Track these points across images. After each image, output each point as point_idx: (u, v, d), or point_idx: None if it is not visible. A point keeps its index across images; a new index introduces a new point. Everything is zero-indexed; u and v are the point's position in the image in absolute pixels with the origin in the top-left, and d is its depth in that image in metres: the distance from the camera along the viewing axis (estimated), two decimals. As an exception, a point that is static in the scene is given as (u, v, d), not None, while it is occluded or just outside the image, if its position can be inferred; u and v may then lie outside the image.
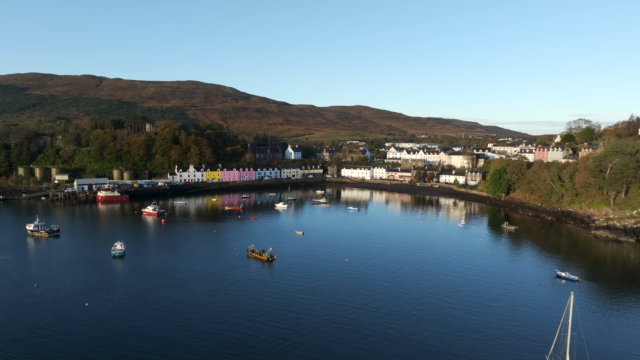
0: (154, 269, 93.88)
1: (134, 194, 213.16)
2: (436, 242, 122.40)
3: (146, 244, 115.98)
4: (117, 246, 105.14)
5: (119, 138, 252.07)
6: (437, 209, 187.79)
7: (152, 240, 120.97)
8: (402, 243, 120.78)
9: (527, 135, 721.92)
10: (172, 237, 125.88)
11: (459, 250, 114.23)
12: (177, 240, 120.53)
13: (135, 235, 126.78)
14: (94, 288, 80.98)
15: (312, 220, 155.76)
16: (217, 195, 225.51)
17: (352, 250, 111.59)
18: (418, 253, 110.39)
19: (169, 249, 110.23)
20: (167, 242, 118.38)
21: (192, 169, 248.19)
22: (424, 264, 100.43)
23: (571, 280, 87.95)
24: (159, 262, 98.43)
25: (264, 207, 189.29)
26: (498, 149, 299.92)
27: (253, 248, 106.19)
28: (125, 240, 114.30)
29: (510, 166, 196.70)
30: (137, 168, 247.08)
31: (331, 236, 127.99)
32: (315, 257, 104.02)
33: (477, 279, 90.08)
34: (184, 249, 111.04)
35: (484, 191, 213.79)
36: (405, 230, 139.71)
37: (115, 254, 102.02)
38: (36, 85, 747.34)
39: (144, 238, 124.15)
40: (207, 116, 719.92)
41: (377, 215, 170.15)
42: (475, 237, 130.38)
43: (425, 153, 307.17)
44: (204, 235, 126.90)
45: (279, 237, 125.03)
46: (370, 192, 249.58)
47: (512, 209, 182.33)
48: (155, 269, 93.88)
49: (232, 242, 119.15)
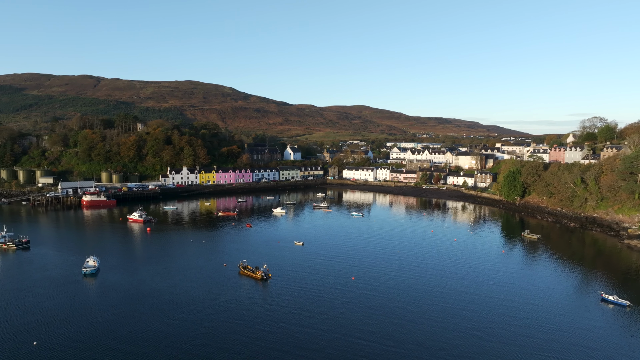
0: (128, 291, 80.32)
1: (122, 198, 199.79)
2: (453, 254, 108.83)
3: (125, 258, 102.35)
4: (89, 262, 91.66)
5: (108, 138, 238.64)
6: (447, 214, 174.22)
7: (132, 254, 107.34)
8: (414, 255, 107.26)
9: (528, 134, 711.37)
10: (156, 249, 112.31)
11: (480, 264, 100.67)
12: (161, 254, 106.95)
13: (114, 247, 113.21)
14: (52, 318, 67.38)
15: (313, 227, 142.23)
16: (211, 199, 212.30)
17: (358, 265, 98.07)
18: (434, 268, 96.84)
19: (151, 265, 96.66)
20: (149, 256, 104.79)
21: (186, 171, 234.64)
22: (443, 282, 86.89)
23: (621, 305, 74.36)
24: (136, 282, 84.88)
25: (261, 211, 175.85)
26: (507, 148, 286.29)
27: (245, 264, 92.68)
28: (103, 253, 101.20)
29: (525, 167, 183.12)
30: (127, 170, 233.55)
31: (334, 248, 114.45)
32: (316, 275, 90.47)
33: (511, 302, 76.46)
34: (168, 264, 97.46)
35: (496, 194, 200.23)
36: (416, 239, 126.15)
37: (87, 271, 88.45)
38: (33, 85, 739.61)
39: (124, 250, 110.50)
40: (205, 116, 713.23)
41: (384, 221, 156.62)
42: (496, 248, 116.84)
43: (430, 153, 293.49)
44: (192, 247, 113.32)
45: (276, 249, 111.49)
46: (374, 194, 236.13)
47: (529, 213, 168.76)
48: (131, 291, 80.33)
49: (223, 255, 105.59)
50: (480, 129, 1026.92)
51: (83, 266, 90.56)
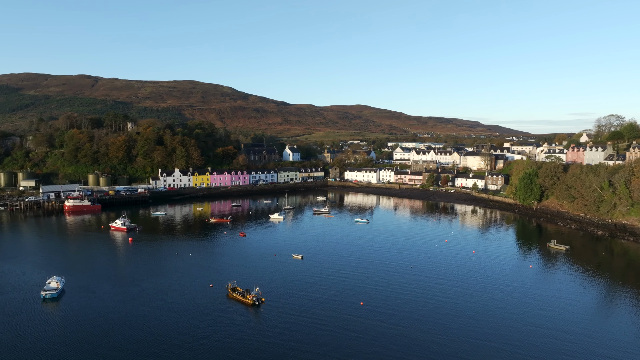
0: (94, 321, 66.70)
1: (109, 203, 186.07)
2: (474, 269, 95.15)
3: (97, 277, 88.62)
4: (50, 284, 77.98)
5: (96, 139, 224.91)
6: (459, 220, 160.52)
7: (107, 271, 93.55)
8: (430, 271, 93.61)
9: (529, 134, 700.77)
10: (135, 264, 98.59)
11: (508, 282, 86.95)
12: (141, 271, 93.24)
13: (87, 262, 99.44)
14: (-14, 364, 53.79)
15: (313, 236, 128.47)
16: (205, 203, 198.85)
17: (366, 285, 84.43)
18: (456, 287, 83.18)
19: (126, 286, 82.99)
20: (126, 274, 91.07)
21: (178, 173, 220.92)
22: (471, 306, 73.25)
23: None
24: (105, 309, 71.22)
25: (258, 217, 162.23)
26: (517, 148, 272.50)
27: (234, 285, 78.98)
28: (73, 270, 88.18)
29: (542, 169, 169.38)
30: (116, 172, 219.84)
31: (337, 262, 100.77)
32: (317, 299, 76.79)
33: (560, 337, 62.82)
34: (146, 284, 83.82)
35: (510, 197, 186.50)
36: (429, 250, 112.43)
37: (46, 295, 74.75)
38: (30, 85, 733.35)
39: (98, 266, 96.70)
40: (204, 116, 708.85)
41: (391, 228, 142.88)
42: (521, 262, 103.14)
43: (436, 154, 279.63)
44: (177, 261, 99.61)
45: (271, 264, 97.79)
46: (377, 197, 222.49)
47: (548, 219, 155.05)
48: (96, 321, 66.74)
49: (211, 272, 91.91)
50: (481, 129, 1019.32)
51: (43, 288, 76.89)
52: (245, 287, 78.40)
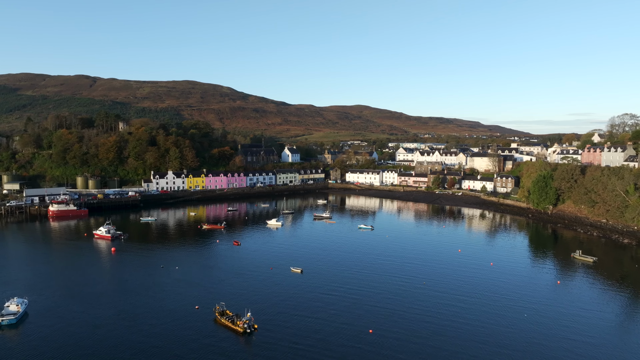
0: (58, 351, 56.20)
1: (97, 207, 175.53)
2: (495, 286, 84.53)
3: (69, 296, 78.01)
4: (9, 307, 67.38)
5: (85, 139, 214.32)
6: (469, 226, 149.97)
7: (81, 287, 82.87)
8: (445, 288, 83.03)
9: (530, 134, 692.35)
10: (115, 279, 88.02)
11: (538, 302, 76.27)
12: (120, 288, 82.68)
13: (61, 277, 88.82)
14: None
15: (314, 245, 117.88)
16: (200, 207, 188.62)
17: (375, 305, 73.89)
18: (479, 308, 72.60)
19: (100, 308, 72.42)
20: (103, 292, 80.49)
21: (171, 175, 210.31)
22: (501, 334, 62.68)
23: None
24: (73, 337, 60.77)
25: (254, 222, 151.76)
26: (525, 149, 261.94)
27: (223, 309, 68.38)
28: (43, 288, 77.74)
29: (558, 171, 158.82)
30: (107, 174, 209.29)
31: (341, 276, 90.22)
32: (319, 324, 66.28)
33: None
34: (124, 305, 73.30)
35: (522, 201, 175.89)
36: (442, 262, 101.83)
37: (2, 321, 64.21)
38: (28, 85, 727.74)
39: (72, 282, 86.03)
40: (203, 116, 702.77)
41: (397, 235, 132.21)
42: (546, 277, 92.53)
43: (441, 154, 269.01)
44: (162, 276, 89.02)
45: (267, 279, 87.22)
46: (380, 200, 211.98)
47: (566, 225, 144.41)
48: (61, 352, 56.23)
49: (198, 289, 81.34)
50: (482, 129, 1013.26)
51: (1, 312, 66.34)
52: (236, 311, 67.84)
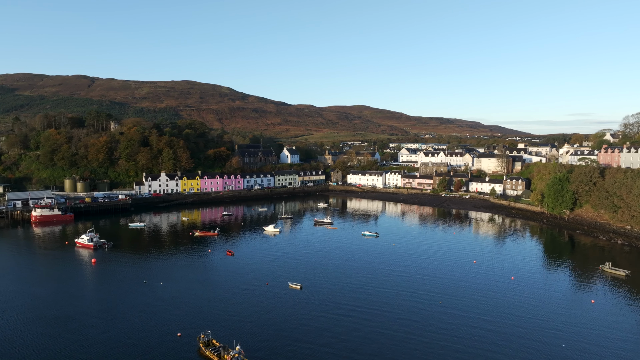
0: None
1: (84, 211, 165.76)
2: (522, 305, 74.35)
3: (32, 319, 67.93)
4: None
5: (75, 139, 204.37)
6: (481, 232, 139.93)
7: (49, 308, 72.78)
8: (466, 308, 72.88)
9: (531, 134, 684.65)
10: (90, 298, 77.94)
11: (575, 327, 66.19)
12: (95, 307, 72.66)
13: (31, 294, 78.64)
14: None
15: (315, 255, 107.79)
16: (195, 210, 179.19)
17: (384, 331, 63.82)
18: (508, 336, 62.39)
19: (68, 333, 62.41)
20: (74, 312, 70.40)
21: (164, 177, 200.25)
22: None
23: None
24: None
25: (250, 228, 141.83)
26: (534, 149, 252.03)
27: (209, 338, 58.35)
28: (6, 307, 67.50)
29: (575, 173, 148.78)
30: (96, 176, 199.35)
31: (344, 293, 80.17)
32: (322, 356, 56.16)
33: None
34: (95, 331, 63.26)
35: (534, 205, 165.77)
36: (457, 276, 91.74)
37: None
38: (26, 85, 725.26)
39: (40, 300, 75.92)
40: (202, 117, 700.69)
41: (405, 244, 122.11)
42: (579, 294, 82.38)
43: (446, 155, 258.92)
44: (143, 294, 78.96)
45: (262, 298, 77.12)
46: (383, 203, 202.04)
47: (585, 232, 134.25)
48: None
49: (182, 311, 71.24)
50: (483, 129, 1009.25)
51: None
52: (224, 341, 57.79)
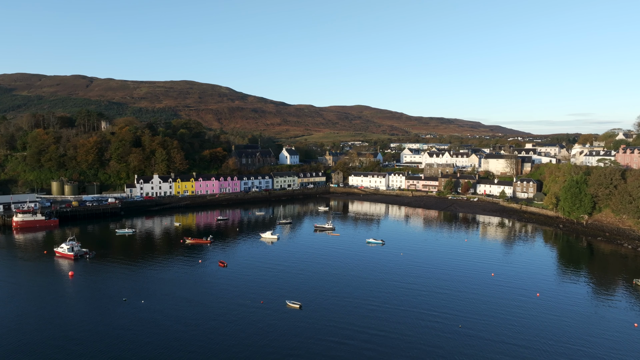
0: None
1: (70, 216, 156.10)
2: (554, 326, 64.71)
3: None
4: None
5: (63, 140, 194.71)
6: (494, 239, 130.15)
7: (11, 334, 63.10)
8: (492, 332, 63.22)
9: (531, 134, 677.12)
10: (58, 322, 68.15)
11: (619, 353, 56.59)
12: (58, 334, 62.96)
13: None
14: None
15: (316, 267, 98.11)
16: (189, 214, 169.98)
17: (399, 357, 54.19)
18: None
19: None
20: (34, 340, 60.73)
21: (157, 180, 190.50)
22: None
23: None
24: None
25: (247, 234, 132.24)
26: (543, 150, 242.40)
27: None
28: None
29: (594, 175, 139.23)
30: (86, 179, 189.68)
31: (350, 313, 70.50)
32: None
33: None
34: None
35: (549, 208, 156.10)
36: (474, 290, 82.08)
37: None
38: (23, 85, 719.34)
39: (4, 326, 66.29)
40: (201, 117, 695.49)
41: (413, 253, 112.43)
42: (612, 312, 72.68)
43: (452, 156, 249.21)
44: (119, 317, 69.29)
45: (256, 320, 67.39)
46: (387, 206, 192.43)
47: (607, 239, 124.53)
48: None
49: (160, 340, 61.51)
50: (483, 129, 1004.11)
51: None
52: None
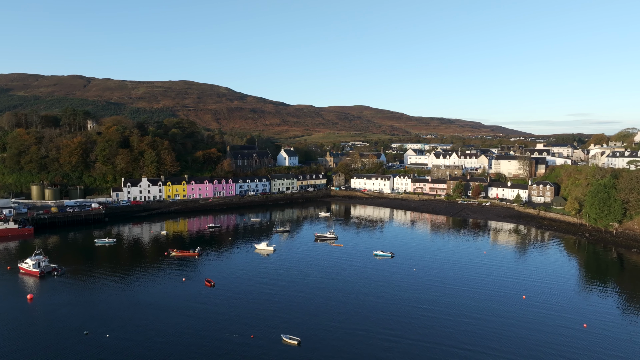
0: None
1: (48, 224, 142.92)
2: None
3: None
4: None
5: (45, 140, 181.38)
6: (517, 251, 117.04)
7: None
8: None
9: (532, 134, 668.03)
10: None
11: None
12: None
13: None
14: None
15: (317, 286, 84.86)
16: (180, 220, 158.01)
17: None
18: None
19: None
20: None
21: (146, 183, 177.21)
22: None
23: None
24: None
25: (240, 244, 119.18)
26: (556, 150, 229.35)
27: None
28: None
29: (624, 179, 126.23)
30: (69, 182, 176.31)
31: (360, 349, 57.36)
32: None
33: None
34: None
35: (571, 215, 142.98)
36: (506, 318, 69.01)
37: None
38: (20, 86, 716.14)
39: None
40: (199, 117, 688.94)
41: (427, 268, 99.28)
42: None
43: (460, 157, 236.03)
44: (75, 354, 56.10)
45: (245, 355, 54.31)
46: (392, 211, 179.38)
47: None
48: None
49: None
50: (484, 129, 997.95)
51: None
52: None
